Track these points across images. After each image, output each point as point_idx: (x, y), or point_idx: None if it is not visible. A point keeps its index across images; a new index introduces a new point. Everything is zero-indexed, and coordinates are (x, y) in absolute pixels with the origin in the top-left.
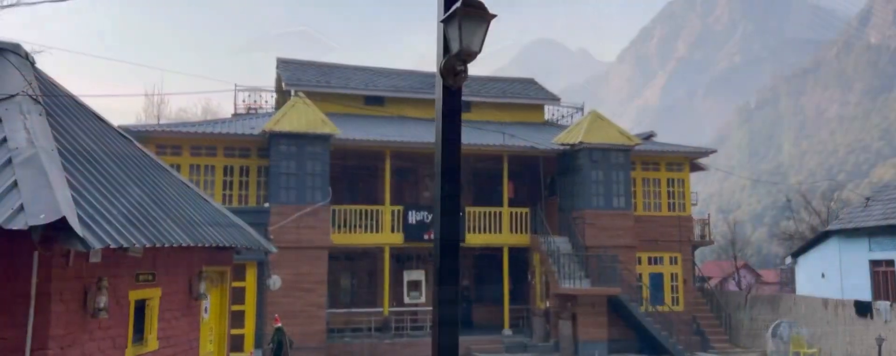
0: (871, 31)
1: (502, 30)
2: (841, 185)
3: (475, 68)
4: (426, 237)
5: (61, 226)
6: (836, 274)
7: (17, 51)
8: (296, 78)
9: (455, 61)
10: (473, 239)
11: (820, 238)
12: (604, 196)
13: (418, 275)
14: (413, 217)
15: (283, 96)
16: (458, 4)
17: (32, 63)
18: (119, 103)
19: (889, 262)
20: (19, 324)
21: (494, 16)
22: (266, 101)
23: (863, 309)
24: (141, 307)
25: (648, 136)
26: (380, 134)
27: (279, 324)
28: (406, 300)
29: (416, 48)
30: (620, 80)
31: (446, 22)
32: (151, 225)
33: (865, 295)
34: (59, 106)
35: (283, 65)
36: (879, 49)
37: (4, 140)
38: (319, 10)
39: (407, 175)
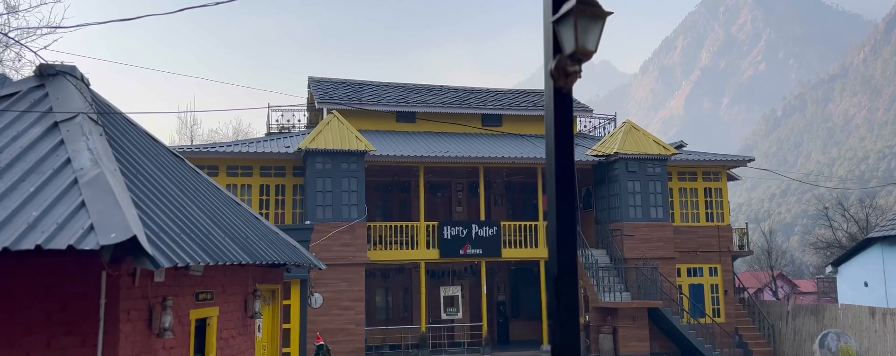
0: None
1: (523, 43)
2: (874, 192)
3: (500, 81)
4: (462, 252)
5: (131, 245)
6: (879, 282)
7: (74, 73)
8: (327, 96)
9: (567, 62)
10: (509, 253)
11: (862, 246)
12: (641, 207)
13: (454, 290)
14: (448, 232)
15: (315, 114)
16: (572, 2)
17: (87, 84)
18: (151, 125)
19: None
20: (89, 344)
21: (610, 13)
22: (299, 120)
23: None
24: (200, 326)
25: (680, 146)
26: (412, 150)
27: (321, 342)
28: (443, 316)
29: (432, 63)
30: (644, 92)
31: (559, 21)
32: (211, 243)
33: None
34: (116, 126)
35: (315, 83)
36: None
37: (68, 161)
38: (333, 25)
39: (440, 190)
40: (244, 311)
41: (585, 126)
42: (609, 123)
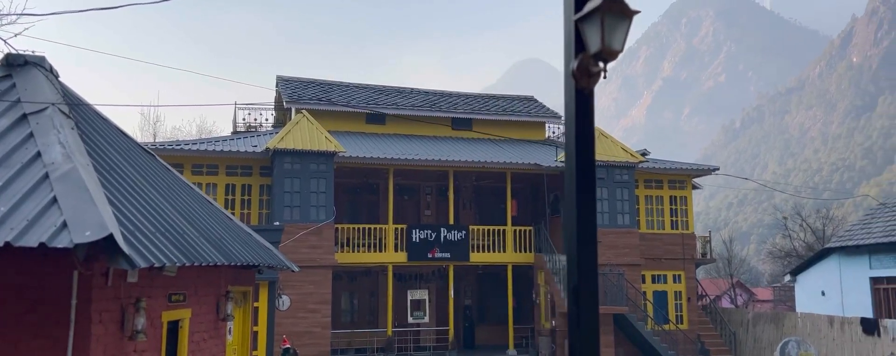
0: (852, 51)
1: (490, 48)
2: (829, 203)
3: (469, 85)
4: (430, 256)
5: (106, 244)
6: (836, 291)
7: (43, 64)
8: (296, 95)
9: (591, 61)
10: (477, 257)
11: (820, 255)
12: (608, 214)
13: (422, 294)
14: (416, 235)
15: (283, 114)
16: (599, 1)
17: (57, 76)
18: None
19: (891, 279)
20: (59, 346)
21: (638, 11)
22: (266, 119)
23: (869, 326)
24: (172, 328)
25: (643, 154)
26: (382, 152)
27: (287, 345)
28: (409, 320)
29: (401, 66)
30: (607, 100)
31: (584, 19)
32: (186, 243)
33: (866, 312)
34: (87, 120)
35: (283, 82)
36: (861, 68)
37: (38, 154)
38: (304, 27)
39: (409, 193)
40: (216, 313)
41: (554, 132)
42: None
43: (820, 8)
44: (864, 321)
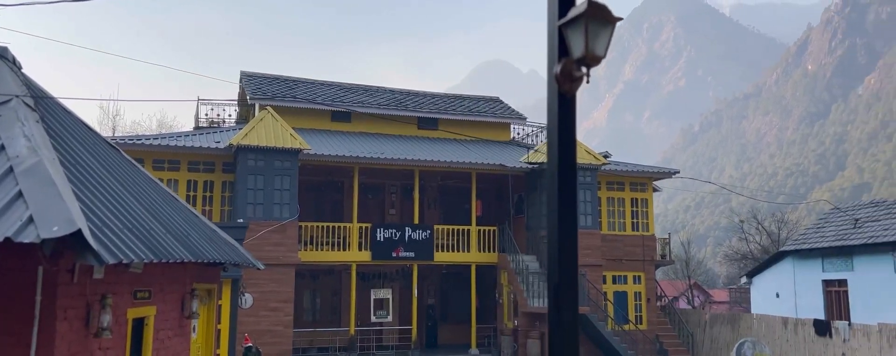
0: (808, 59)
1: (455, 49)
2: (784, 207)
3: (433, 85)
4: (394, 255)
5: (74, 240)
6: (790, 293)
7: (5, 54)
8: (260, 91)
9: (574, 66)
10: (441, 257)
11: (775, 258)
12: None
13: (385, 293)
14: (381, 234)
15: (246, 110)
16: (583, 7)
17: (20, 67)
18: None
19: (841, 282)
20: (22, 344)
21: (620, 18)
22: (229, 115)
23: (822, 328)
24: (137, 326)
25: (606, 156)
26: (347, 150)
27: (249, 344)
28: (372, 319)
29: (365, 64)
30: None
31: (568, 25)
32: (154, 239)
33: (819, 314)
34: (51, 113)
35: (247, 78)
36: (816, 76)
37: (2, 147)
38: (271, 21)
39: (374, 192)
40: (181, 311)
41: (519, 133)
42: (541, 131)
43: (777, 16)
44: (816, 322)
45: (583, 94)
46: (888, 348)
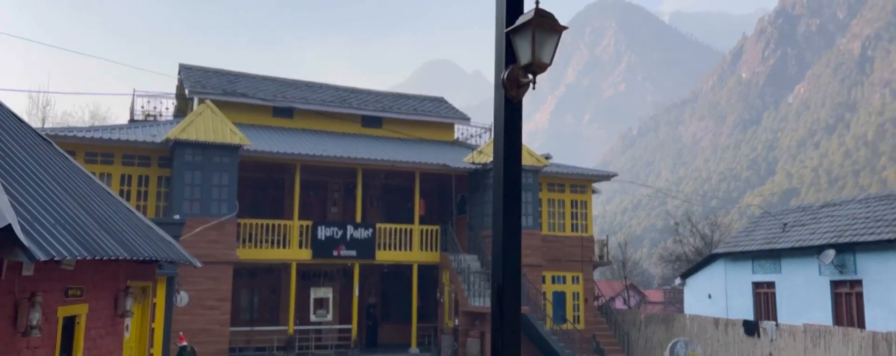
0: (742, 67)
1: (400, 47)
2: (717, 210)
3: (378, 83)
4: (336, 253)
5: (3, 235)
6: (721, 295)
7: None
8: (200, 85)
9: (520, 72)
10: (384, 256)
11: (707, 260)
12: None
13: (325, 292)
14: (322, 233)
15: (184, 103)
16: (531, 15)
17: None
18: None
19: (770, 284)
20: None
21: (566, 27)
22: (166, 109)
23: (750, 328)
24: (68, 324)
25: (547, 158)
26: (289, 147)
27: (184, 343)
28: (312, 318)
29: (309, 59)
30: None
31: (515, 32)
32: (87, 235)
33: (748, 314)
34: None
35: (186, 71)
36: (749, 84)
37: None
38: (210, 14)
39: (316, 189)
40: (114, 309)
41: (463, 134)
42: (485, 132)
43: (714, 25)
44: (745, 323)
45: (525, 96)
46: (812, 347)
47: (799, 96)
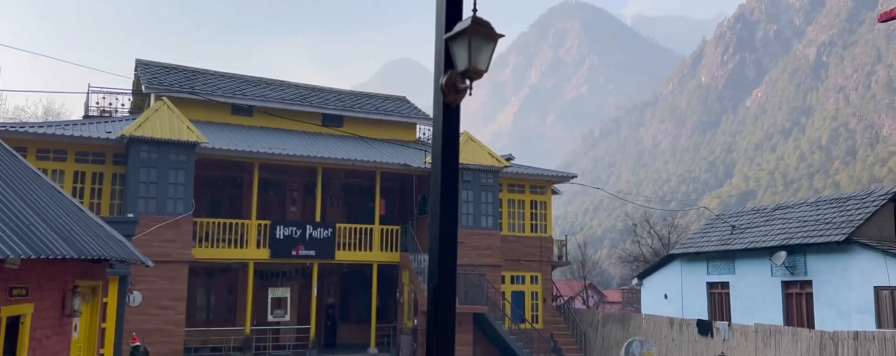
0: (702, 71)
1: (363, 46)
2: (675, 212)
3: (340, 82)
4: (294, 253)
5: None
6: (677, 295)
7: None
8: (156, 81)
9: (458, 78)
10: (343, 256)
11: (664, 261)
12: (473, 215)
13: (283, 292)
14: (281, 232)
15: (141, 100)
16: (467, 23)
17: None
18: None
19: (724, 284)
20: None
21: (502, 36)
22: (122, 105)
23: (704, 328)
24: (12, 324)
25: (509, 159)
26: (247, 145)
27: (137, 343)
28: (269, 318)
29: (271, 57)
30: (475, 104)
31: (453, 39)
32: (33, 234)
33: (703, 314)
34: None
35: (143, 66)
36: (708, 87)
37: None
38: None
39: (275, 188)
40: (61, 309)
41: (425, 133)
42: None
43: (675, 29)
44: (699, 322)
45: (489, 97)
46: (763, 347)
47: (757, 100)
